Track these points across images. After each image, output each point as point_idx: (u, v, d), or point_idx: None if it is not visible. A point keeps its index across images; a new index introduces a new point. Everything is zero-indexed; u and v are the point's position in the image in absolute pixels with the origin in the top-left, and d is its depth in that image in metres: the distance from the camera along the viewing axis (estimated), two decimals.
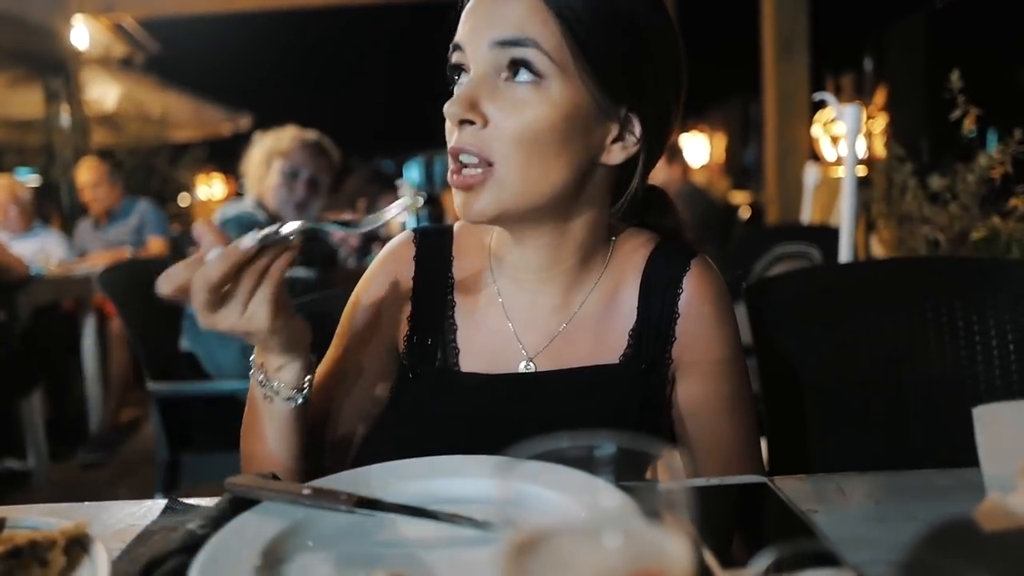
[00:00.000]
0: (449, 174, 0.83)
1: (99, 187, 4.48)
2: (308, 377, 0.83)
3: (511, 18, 0.79)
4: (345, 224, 0.83)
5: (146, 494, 2.87)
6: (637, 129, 0.86)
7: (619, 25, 0.82)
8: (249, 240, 0.71)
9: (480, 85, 0.81)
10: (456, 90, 0.85)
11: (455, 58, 0.85)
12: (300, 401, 0.83)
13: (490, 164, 0.80)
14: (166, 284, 0.72)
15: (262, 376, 0.82)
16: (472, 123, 0.80)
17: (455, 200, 0.84)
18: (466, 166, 0.81)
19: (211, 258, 0.71)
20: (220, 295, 0.72)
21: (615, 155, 0.86)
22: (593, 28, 0.80)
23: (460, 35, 0.84)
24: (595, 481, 0.48)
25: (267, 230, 0.72)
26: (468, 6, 0.84)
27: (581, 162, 0.83)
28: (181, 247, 5.16)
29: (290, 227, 0.72)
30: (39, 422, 3.45)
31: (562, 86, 0.80)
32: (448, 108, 0.81)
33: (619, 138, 0.86)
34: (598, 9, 0.80)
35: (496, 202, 0.81)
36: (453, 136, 0.82)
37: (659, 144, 0.90)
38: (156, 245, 4.49)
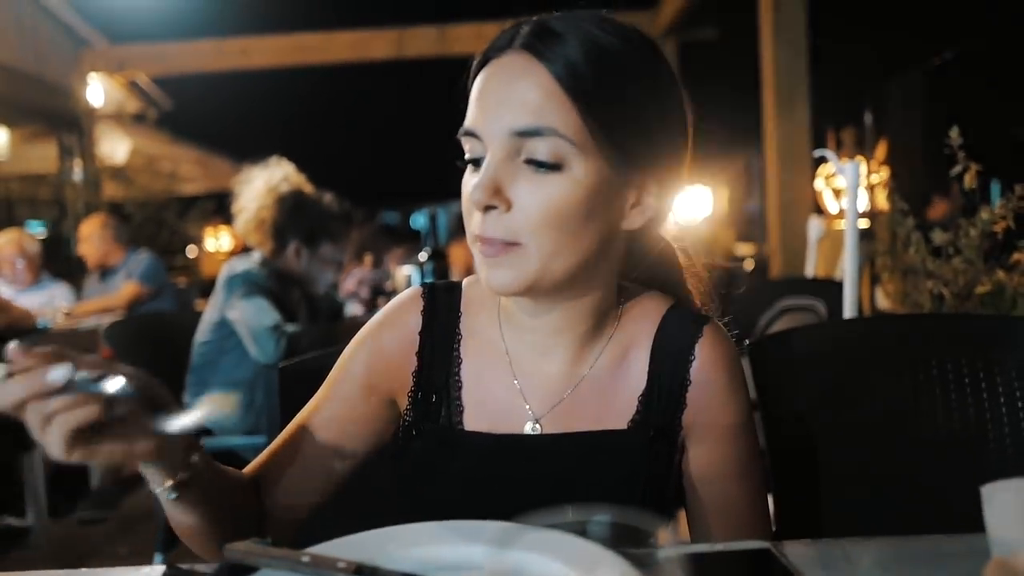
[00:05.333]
0: (476, 252, 0.83)
1: (90, 241, 4.46)
2: (178, 476, 0.76)
3: (528, 105, 0.78)
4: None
5: (146, 551, 2.81)
6: (653, 190, 0.86)
7: (633, 92, 0.81)
8: (60, 373, 0.65)
9: (500, 169, 0.79)
10: (468, 175, 0.84)
11: (468, 145, 0.83)
12: (172, 496, 0.77)
13: (518, 244, 0.80)
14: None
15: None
16: (496, 208, 0.80)
17: (480, 272, 0.84)
18: (493, 243, 0.81)
19: (5, 379, 0.66)
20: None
21: (634, 220, 0.86)
22: (610, 102, 0.79)
23: (473, 121, 0.82)
24: (597, 550, 0.47)
25: (85, 374, 0.67)
26: (478, 88, 0.83)
27: (604, 232, 0.83)
28: (188, 300, 5.18)
29: (113, 384, 0.67)
30: (40, 478, 3.42)
31: (584, 164, 0.79)
32: (472, 195, 0.80)
33: (637, 202, 0.85)
34: (611, 80, 0.79)
35: (524, 278, 0.81)
36: (475, 218, 0.81)
37: (671, 200, 0.89)
38: (128, 289, 4.35)
